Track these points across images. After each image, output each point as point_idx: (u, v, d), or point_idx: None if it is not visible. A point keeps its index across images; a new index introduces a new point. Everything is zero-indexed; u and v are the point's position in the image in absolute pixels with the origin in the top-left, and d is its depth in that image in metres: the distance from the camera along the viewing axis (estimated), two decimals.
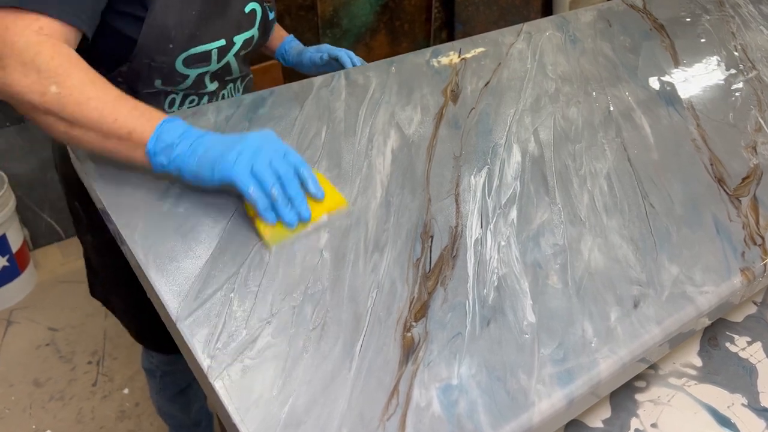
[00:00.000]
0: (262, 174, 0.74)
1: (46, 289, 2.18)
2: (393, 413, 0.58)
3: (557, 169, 0.90)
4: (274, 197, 0.74)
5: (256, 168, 0.74)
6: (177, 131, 0.77)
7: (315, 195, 0.78)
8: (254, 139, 0.77)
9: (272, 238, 0.75)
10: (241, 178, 0.74)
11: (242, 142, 0.76)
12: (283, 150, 0.78)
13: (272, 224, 0.75)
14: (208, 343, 0.63)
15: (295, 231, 0.77)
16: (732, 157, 0.95)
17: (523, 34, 1.27)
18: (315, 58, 1.28)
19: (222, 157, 0.75)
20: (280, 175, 0.75)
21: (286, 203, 0.76)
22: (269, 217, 0.75)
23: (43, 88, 0.74)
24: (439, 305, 0.69)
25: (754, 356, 0.81)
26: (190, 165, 0.76)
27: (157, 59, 0.94)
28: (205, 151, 0.76)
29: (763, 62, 1.22)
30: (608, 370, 0.64)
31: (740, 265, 0.76)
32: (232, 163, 0.74)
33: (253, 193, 0.73)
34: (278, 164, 0.76)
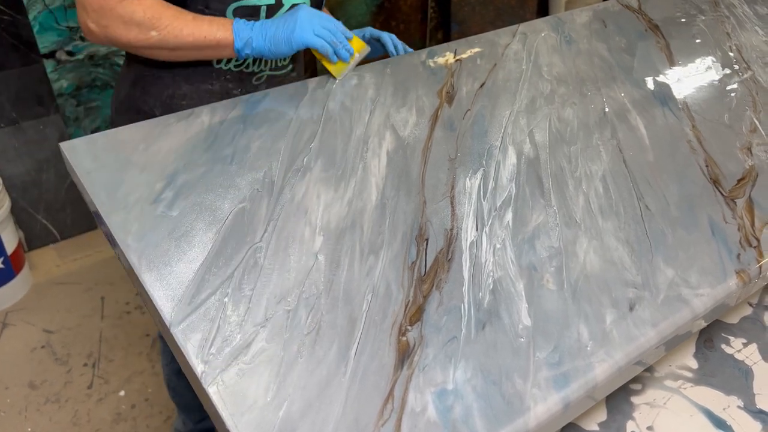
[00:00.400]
0: (323, 34, 1.04)
1: (41, 290, 2.18)
2: (388, 418, 0.58)
3: (552, 171, 0.90)
4: (336, 45, 1.04)
5: (317, 31, 1.03)
6: (246, 28, 1.02)
7: (348, 37, 1.08)
8: (303, 14, 1.02)
9: (337, 72, 1.09)
10: (314, 41, 1.03)
11: (298, 20, 1.02)
12: (321, 14, 1.04)
13: (335, 62, 1.07)
14: (202, 348, 0.63)
15: (348, 64, 1.08)
16: (727, 159, 0.95)
17: (519, 35, 1.27)
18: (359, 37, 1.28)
19: (292, 33, 1.02)
20: (330, 30, 1.04)
21: (341, 47, 1.05)
22: (334, 58, 1.06)
23: (146, 35, 0.98)
24: (435, 309, 0.69)
25: (750, 358, 0.81)
26: (268, 48, 1.03)
27: (211, 6, 1.06)
28: (274, 35, 1.02)
29: (758, 63, 1.22)
30: (604, 374, 0.64)
31: (736, 267, 0.76)
32: (301, 34, 1.02)
33: (322, 45, 1.03)
34: (327, 24, 1.04)
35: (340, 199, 0.84)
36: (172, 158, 0.88)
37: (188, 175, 0.85)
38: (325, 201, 0.83)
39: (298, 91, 1.06)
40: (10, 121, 2.09)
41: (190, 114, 0.98)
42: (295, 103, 1.03)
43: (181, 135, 0.93)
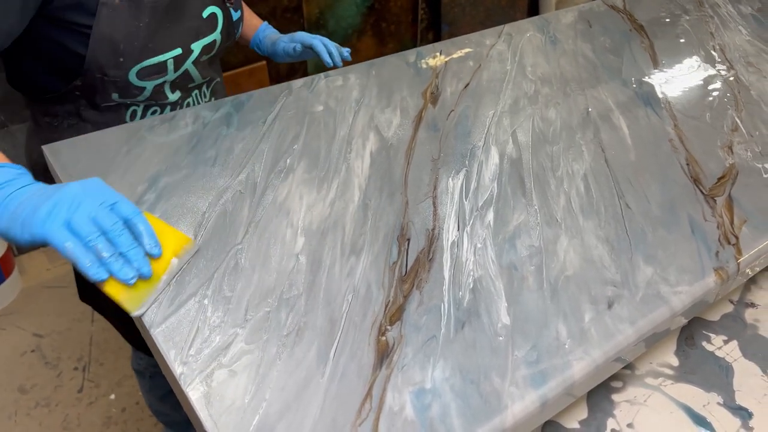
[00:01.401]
0: (80, 228, 0.63)
1: (31, 294, 2.17)
2: (366, 418, 0.58)
3: (534, 170, 0.91)
4: (99, 253, 0.64)
5: (74, 222, 0.64)
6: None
7: (149, 251, 0.68)
8: (72, 189, 0.66)
9: (131, 302, 0.66)
10: (55, 234, 0.63)
11: (57, 194, 0.65)
12: (111, 200, 0.67)
13: (104, 279, 0.64)
14: (181, 350, 0.63)
15: (151, 286, 0.68)
16: (708, 157, 0.95)
17: (504, 36, 1.28)
18: (288, 49, 1.23)
19: (34, 212, 0.64)
20: (105, 230, 0.65)
21: (117, 259, 0.65)
22: (99, 273, 0.64)
23: None
24: (415, 308, 0.69)
25: (730, 355, 0.81)
26: (1, 224, 0.66)
27: (109, 73, 0.93)
28: (18, 206, 0.66)
29: (741, 62, 1.23)
30: (582, 372, 0.64)
31: (714, 265, 0.77)
32: (44, 218, 0.63)
33: (70, 249, 0.63)
34: (102, 217, 0.65)
35: (323, 200, 0.84)
36: (154, 161, 0.88)
37: (170, 178, 0.85)
38: (307, 202, 0.83)
39: (282, 91, 1.06)
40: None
41: (173, 117, 0.98)
42: (280, 104, 1.03)
43: (163, 137, 0.93)
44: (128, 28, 0.90)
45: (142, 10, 0.91)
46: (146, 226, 0.68)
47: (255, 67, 2.41)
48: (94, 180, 0.69)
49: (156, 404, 1.48)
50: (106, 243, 0.64)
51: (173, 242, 0.72)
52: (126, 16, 0.90)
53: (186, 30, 0.98)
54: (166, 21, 0.95)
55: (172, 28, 0.96)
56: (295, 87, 1.08)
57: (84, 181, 0.68)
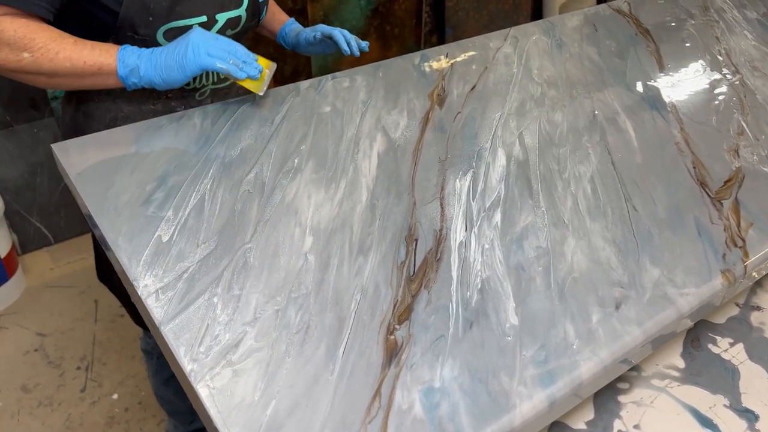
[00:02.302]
0: (220, 54, 0.93)
1: (34, 294, 2.17)
2: (375, 416, 0.58)
3: (542, 172, 0.91)
4: (237, 64, 0.94)
5: (213, 53, 0.93)
6: (134, 55, 0.93)
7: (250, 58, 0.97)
8: (196, 36, 0.93)
9: (257, 87, 1.00)
10: (210, 62, 0.92)
11: (190, 43, 0.92)
12: (216, 37, 0.95)
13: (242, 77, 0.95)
14: (191, 347, 0.63)
15: (263, 79, 1.00)
16: (714, 160, 0.96)
17: (510, 39, 1.28)
18: (309, 37, 1.27)
19: (184, 58, 0.92)
20: (228, 51, 0.94)
21: (245, 64, 0.95)
22: (241, 75, 0.94)
23: (17, 56, 0.89)
24: (423, 308, 0.69)
25: (737, 357, 0.82)
26: (160, 77, 0.93)
27: (140, 32, 0.98)
28: (165, 62, 0.92)
29: (747, 66, 1.23)
30: (589, 372, 0.64)
31: (721, 267, 0.77)
32: (195, 57, 0.92)
33: (222, 65, 0.92)
34: (223, 46, 0.94)
35: (331, 200, 0.84)
36: (163, 160, 0.89)
37: (179, 177, 0.86)
38: (315, 202, 0.84)
39: (289, 92, 1.07)
40: (3, 125, 2.09)
41: (182, 116, 0.98)
42: (287, 104, 1.03)
43: (172, 137, 0.94)
44: None
45: None
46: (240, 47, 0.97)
47: None
48: (196, 28, 0.95)
49: (161, 389, 1.48)
50: (236, 58, 0.94)
51: (263, 61, 1.01)
52: None
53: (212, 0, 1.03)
54: None
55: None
56: (303, 88, 1.08)
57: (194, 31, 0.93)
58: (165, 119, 0.98)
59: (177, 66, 0.92)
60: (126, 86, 0.95)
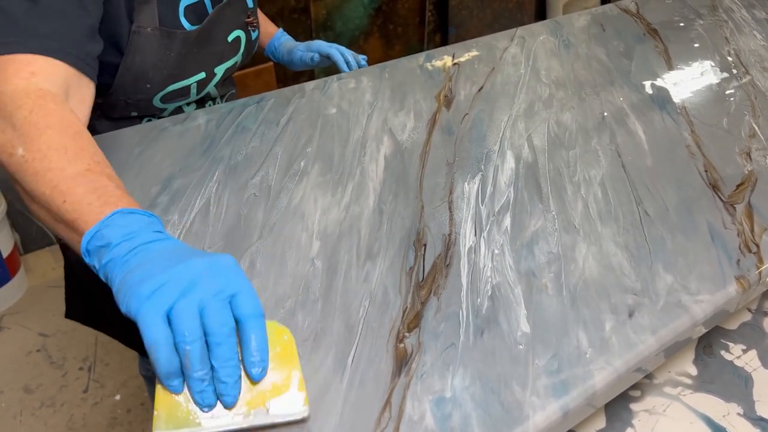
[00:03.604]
0: (180, 323, 0.50)
1: (36, 294, 2.16)
2: (385, 427, 0.57)
3: (551, 175, 0.90)
4: (187, 359, 0.50)
5: (175, 311, 0.50)
6: (123, 228, 0.56)
7: (249, 369, 0.53)
8: (196, 268, 0.53)
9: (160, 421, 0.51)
10: (147, 321, 0.50)
11: (176, 269, 0.52)
12: (232, 290, 0.53)
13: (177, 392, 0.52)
14: None
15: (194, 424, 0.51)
16: (726, 164, 0.94)
17: (517, 39, 1.27)
18: (306, 58, 1.25)
19: (140, 283, 0.51)
20: (208, 330, 0.51)
21: (203, 374, 0.51)
22: (174, 384, 0.52)
23: (12, 148, 0.63)
24: (433, 315, 0.68)
25: (750, 364, 0.80)
26: (115, 280, 0.54)
27: (133, 97, 0.92)
28: (136, 267, 0.54)
29: (757, 67, 1.22)
30: (603, 381, 0.63)
31: (735, 273, 0.75)
32: (145, 297, 0.50)
33: (157, 348, 0.49)
34: (212, 313, 0.51)
35: (338, 203, 0.83)
36: (167, 162, 0.88)
37: (184, 180, 0.85)
38: (322, 206, 0.82)
39: (295, 93, 1.05)
40: None
41: (185, 118, 0.97)
42: (292, 106, 1.02)
43: (176, 139, 0.93)
44: (158, 57, 0.89)
45: (173, 40, 0.90)
46: (260, 336, 0.54)
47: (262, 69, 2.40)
48: (226, 258, 0.55)
49: None
50: (200, 353, 0.51)
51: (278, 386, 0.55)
52: (157, 45, 0.88)
53: (211, 54, 0.98)
54: (194, 48, 0.94)
55: (198, 54, 0.95)
56: (308, 89, 1.07)
57: (214, 258, 0.55)
58: (168, 121, 0.97)
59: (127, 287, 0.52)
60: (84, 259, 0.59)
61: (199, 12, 0.94)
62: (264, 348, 0.54)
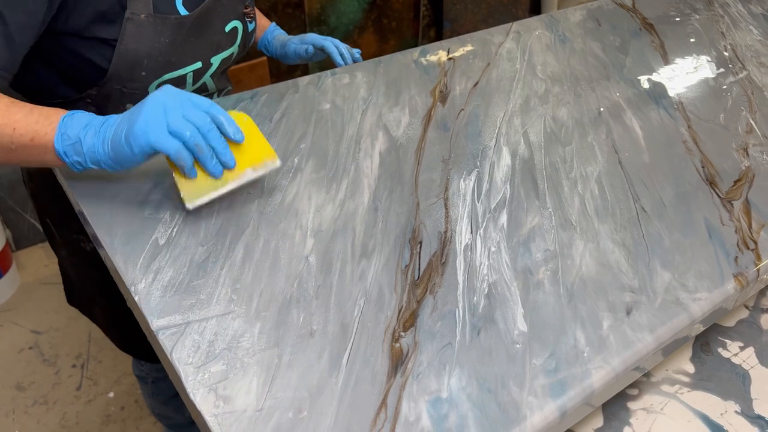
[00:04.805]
0: (182, 130, 0.68)
1: (29, 291, 2.15)
2: (381, 428, 0.56)
3: (547, 172, 0.89)
4: (200, 149, 0.70)
5: (173, 126, 0.68)
6: (80, 123, 0.71)
7: (233, 138, 0.72)
8: (156, 97, 0.69)
9: (189, 196, 0.73)
10: (162, 141, 0.68)
11: (146, 106, 0.68)
12: (189, 97, 0.71)
13: (193, 177, 0.72)
14: (188, 355, 0.61)
15: (215, 187, 0.73)
16: (723, 160, 0.94)
17: (512, 34, 1.26)
18: (300, 51, 1.22)
19: (132, 126, 0.67)
20: (197, 126, 0.70)
21: (210, 154, 0.71)
22: (191, 173, 0.72)
23: None
24: (429, 314, 0.67)
25: (747, 362, 0.80)
26: (105, 153, 0.70)
27: (129, 86, 0.90)
28: (115, 132, 0.69)
29: (753, 62, 1.21)
30: (601, 381, 0.62)
31: (733, 271, 0.75)
32: (144, 129, 0.67)
33: (180, 153, 0.69)
34: (193, 115, 0.70)
35: (332, 200, 0.82)
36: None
37: None
38: (316, 203, 0.81)
39: (289, 89, 1.04)
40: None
41: None
42: (286, 102, 1.01)
43: None
44: (152, 44, 0.87)
45: (167, 26, 0.88)
46: (227, 116, 0.72)
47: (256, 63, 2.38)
48: (166, 86, 0.72)
49: (159, 408, 1.46)
50: (202, 140, 0.70)
51: (255, 152, 0.75)
52: (151, 32, 0.87)
53: (208, 43, 0.96)
54: (191, 36, 0.92)
55: (195, 42, 0.94)
56: (302, 84, 1.06)
57: (163, 89, 0.71)
58: None
59: (123, 140, 0.69)
60: (68, 166, 0.73)
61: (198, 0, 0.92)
62: (232, 121, 0.73)
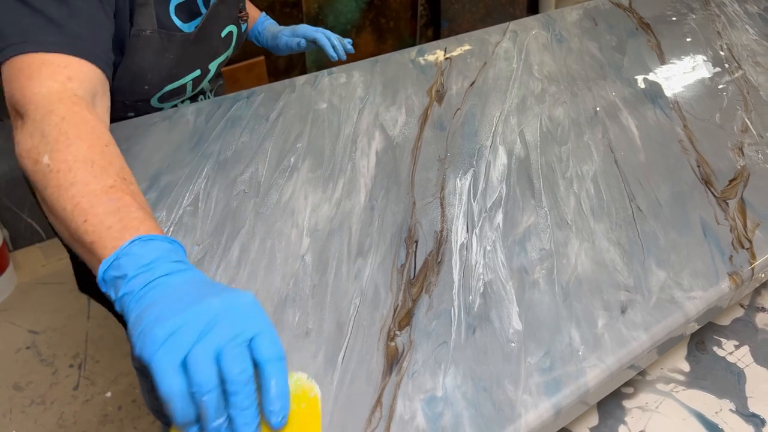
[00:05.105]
0: (197, 373, 0.46)
1: (26, 290, 2.14)
2: (376, 426, 0.56)
3: (543, 171, 0.89)
4: (203, 409, 0.47)
5: (192, 359, 0.46)
6: (141, 258, 0.53)
7: (269, 418, 0.48)
8: (212, 308, 0.48)
9: None
10: (161, 372, 0.46)
11: (191, 310, 0.48)
12: (251, 332, 0.49)
13: None
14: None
15: None
16: (719, 159, 0.94)
17: (509, 33, 1.26)
18: (292, 44, 1.22)
19: (153, 327, 0.47)
20: (226, 378, 0.47)
21: (220, 423, 0.47)
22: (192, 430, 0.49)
23: (38, 155, 0.60)
24: (424, 313, 0.67)
25: (742, 360, 0.80)
26: (131, 316, 0.51)
27: (131, 98, 0.91)
28: (152, 304, 0.50)
29: (749, 61, 1.21)
30: (596, 379, 0.62)
31: (728, 270, 0.75)
32: (159, 343, 0.47)
33: (172, 399, 0.47)
34: (230, 360, 0.47)
35: (328, 200, 0.82)
36: (155, 158, 0.86)
37: (172, 176, 0.84)
38: (312, 202, 0.81)
39: (285, 88, 1.04)
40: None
41: (174, 113, 0.96)
42: (283, 101, 1.01)
43: (164, 134, 0.91)
44: (156, 58, 0.88)
45: (172, 42, 0.89)
46: (281, 382, 0.49)
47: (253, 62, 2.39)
48: (246, 296, 0.51)
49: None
50: (217, 402, 0.47)
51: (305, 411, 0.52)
52: (156, 47, 0.87)
53: (206, 51, 0.97)
54: (191, 47, 0.93)
55: (194, 52, 0.95)
56: (298, 84, 1.06)
57: (233, 296, 0.50)
58: (158, 116, 0.95)
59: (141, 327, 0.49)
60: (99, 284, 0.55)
61: (189, 10, 0.92)
62: (284, 394, 0.49)
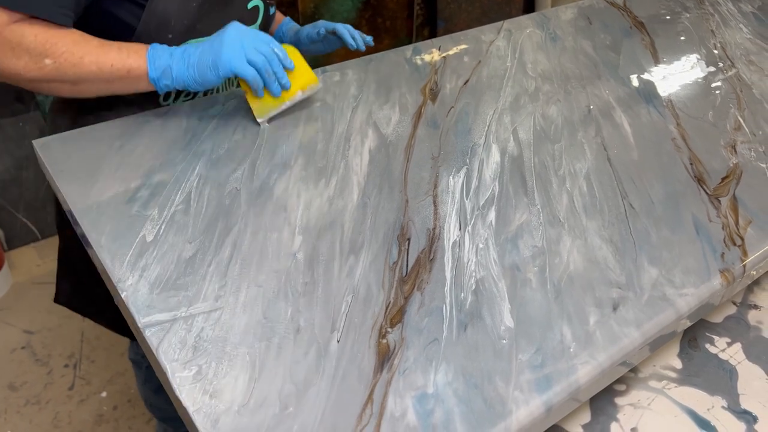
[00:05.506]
0: (256, 60, 0.87)
1: (21, 290, 2.14)
2: (367, 423, 0.56)
3: (536, 169, 0.89)
4: (268, 75, 0.89)
5: (250, 56, 0.87)
6: (165, 54, 0.87)
7: (288, 66, 0.92)
8: (233, 33, 0.87)
9: (260, 110, 0.93)
10: (243, 69, 0.87)
11: (225, 39, 0.86)
12: (255, 33, 0.89)
13: (261, 97, 0.91)
14: (174, 351, 0.61)
15: (276, 105, 0.93)
16: (712, 157, 0.94)
17: (504, 32, 1.26)
18: (312, 34, 1.22)
19: (218, 57, 0.86)
20: (266, 56, 0.88)
21: (274, 79, 0.90)
22: (260, 93, 0.91)
23: (38, 63, 0.82)
24: (416, 310, 0.67)
25: (734, 357, 0.80)
26: (192, 77, 0.87)
27: None
28: (199, 60, 0.87)
29: (742, 60, 1.22)
30: (587, 376, 0.62)
31: (720, 267, 0.75)
32: (229, 59, 0.86)
33: (255, 79, 0.88)
34: (262, 47, 0.88)
35: (321, 197, 0.82)
36: (148, 156, 0.86)
37: (164, 174, 0.83)
38: (305, 199, 0.81)
39: None
40: None
41: (167, 111, 0.96)
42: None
43: (157, 132, 0.91)
44: (181, 5, 0.93)
45: None
46: (281, 49, 0.91)
47: None
48: (234, 23, 0.89)
49: (152, 397, 1.46)
50: (269, 67, 0.89)
51: (303, 78, 0.95)
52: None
53: (232, 16, 0.99)
54: (216, 5, 0.98)
55: (220, 12, 0.98)
56: None
57: (231, 25, 0.88)
58: (151, 114, 0.95)
59: (210, 65, 0.86)
60: (158, 89, 0.88)
61: None
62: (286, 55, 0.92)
